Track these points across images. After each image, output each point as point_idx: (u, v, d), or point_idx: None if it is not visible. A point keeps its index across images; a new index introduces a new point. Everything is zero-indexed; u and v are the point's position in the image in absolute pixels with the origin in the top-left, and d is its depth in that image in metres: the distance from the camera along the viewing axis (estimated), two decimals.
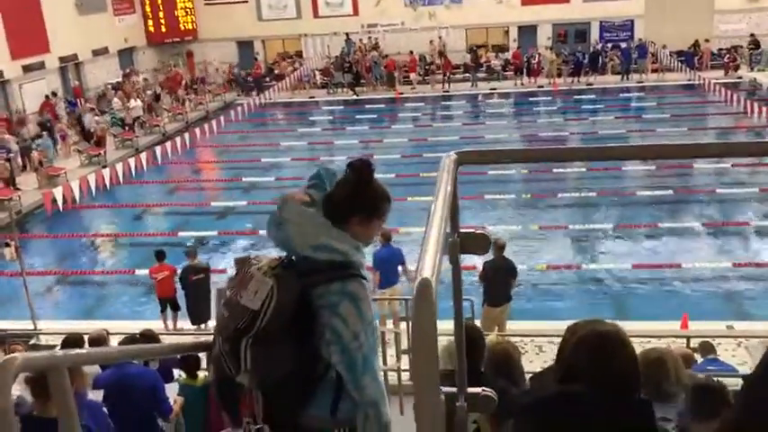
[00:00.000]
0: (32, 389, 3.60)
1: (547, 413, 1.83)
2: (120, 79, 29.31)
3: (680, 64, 28.13)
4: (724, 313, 10.86)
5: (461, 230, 1.81)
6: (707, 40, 29.31)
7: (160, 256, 11.24)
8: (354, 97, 29.79)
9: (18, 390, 4.41)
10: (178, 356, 5.92)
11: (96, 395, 4.93)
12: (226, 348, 2.19)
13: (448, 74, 29.82)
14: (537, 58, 29.44)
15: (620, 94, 27.89)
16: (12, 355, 1.47)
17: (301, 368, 2.13)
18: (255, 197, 17.99)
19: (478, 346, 3.22)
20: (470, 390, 2.07)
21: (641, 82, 28.64)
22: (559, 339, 8.31)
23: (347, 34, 32.49)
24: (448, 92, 29.52)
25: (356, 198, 2.23)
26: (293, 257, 2.26)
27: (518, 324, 10.11)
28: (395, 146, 21.73)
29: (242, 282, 2.18)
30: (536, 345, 9.53)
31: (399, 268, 10.02)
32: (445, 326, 1.94)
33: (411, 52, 30.84)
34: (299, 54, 33.53)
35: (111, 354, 3.14)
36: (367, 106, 28.18)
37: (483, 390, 2.11)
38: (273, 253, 2.38)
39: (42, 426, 2.41)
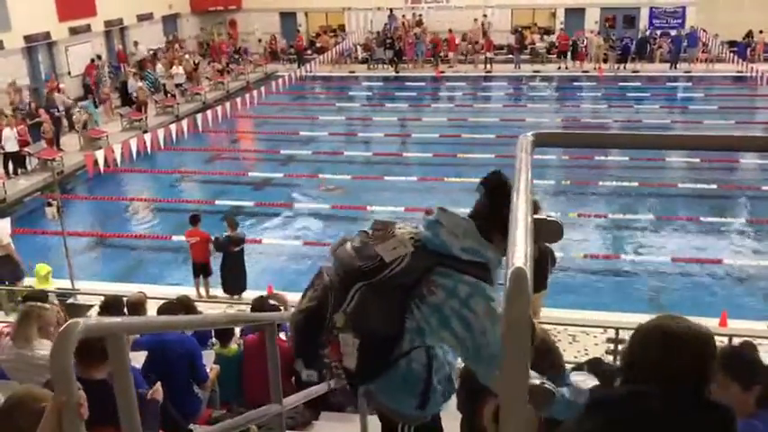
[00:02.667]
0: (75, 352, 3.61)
1: (615, 412, 1.75)
2: (162, 45, 29.51)
3: (731, 54, 27.33)
4: (765, 312, 10.60)
5: (533, 216, 1.73)
6: (761, 32, 28.41)
7: (194, 219, 11.32)
8: (394, 74, 29.58)
9: None
10: None
11: (136, 356, 4.96)
12: (336, 283, 2.29)
13: (490, 54, 29.41)
14: (584, 42, 28.86)
15: (667, 83, 27.26)
16: (74, 320, 1.44)
17: (389, 334, 2.18)
18: (292, 170, 18.02)
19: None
20: (530, 381, 1.99)
21: (689, 72, 27.92)
22: (594, 330, 8.15)
23: (391, 9, 32.19)
24: (490, 72, 29.13)
25: (495, 216, 2.18)
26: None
27: (552, 312, 9.97)
28: (433, 125, 21.55)
29: (383, 237, 2.29)
30: (569, 334, 9.42)
31: None
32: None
33: (449, 30, 30.47)
34: (342, 28, 33.33)
35: (170, 322, 3.14)
36: (407, 83, 27.97)
37: (543, 382, 2.03)
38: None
39: (86, 386, 2.39)
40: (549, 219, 1.77)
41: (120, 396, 1.66)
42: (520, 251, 1.06)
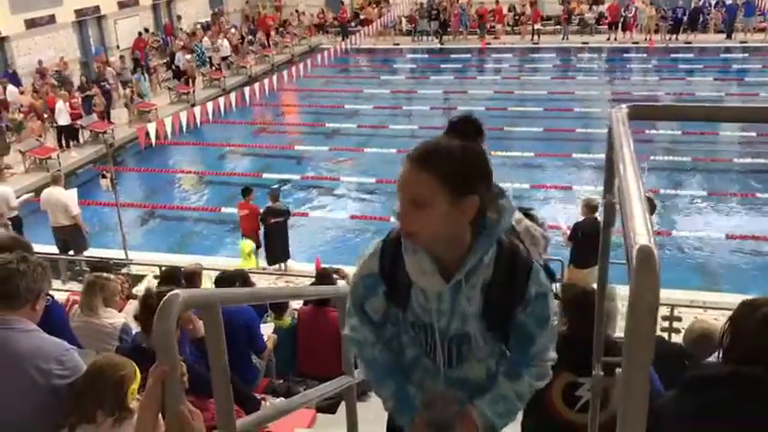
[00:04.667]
0: (141, 322, 3.70)
1: (717, 393, 1.70)
2: (208, 18, 29.68)
3: None
4: None
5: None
6: None
7: (245, 192, 11.43)
8: (439, 46, 29.26)
9: (125, 318, 4.59)
10: None
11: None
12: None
13: (537, 25, 28.87)
14: (633, 12, 28.09)
15: (721, 55, 26.40)
16: (175, 291, 1.47)
17: None
18: (337, 143, 18.02)
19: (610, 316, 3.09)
20: (606, 359, 1.97)
21: (745, 42, 26.97)
22: None
23: None
24: (537, 44, 28.62)
25: None
26: None
27: None
28: (479, 98, 21.30)
29: None
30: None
31: None
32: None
33: (496, 1, 29.97)
34: None
35: (264, 293, 3.24)
36: (452, 56, 27.66)
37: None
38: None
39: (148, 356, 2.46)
40: None
41: (215, 366, 1.68)
42: (641, 227, 1.02)
